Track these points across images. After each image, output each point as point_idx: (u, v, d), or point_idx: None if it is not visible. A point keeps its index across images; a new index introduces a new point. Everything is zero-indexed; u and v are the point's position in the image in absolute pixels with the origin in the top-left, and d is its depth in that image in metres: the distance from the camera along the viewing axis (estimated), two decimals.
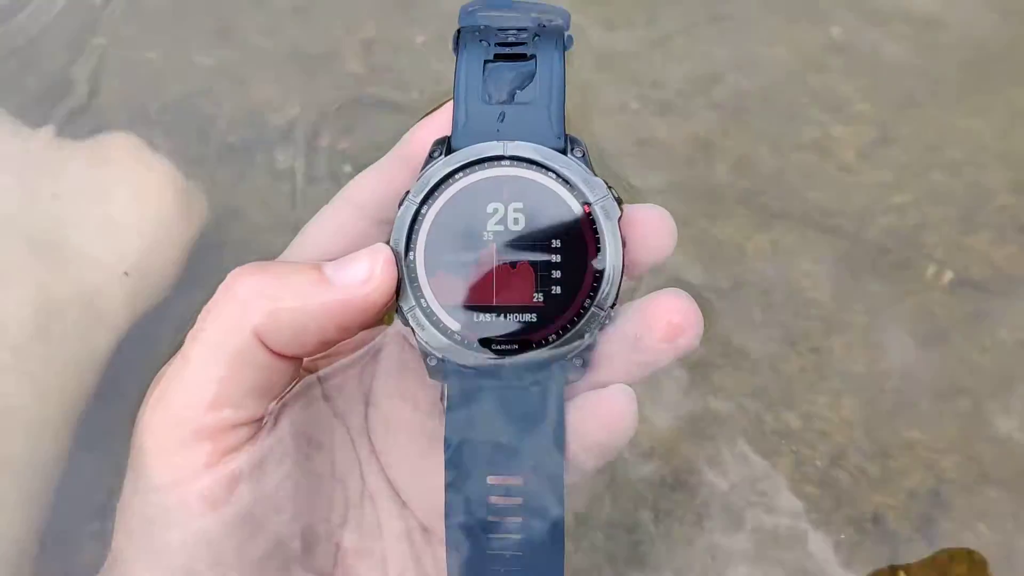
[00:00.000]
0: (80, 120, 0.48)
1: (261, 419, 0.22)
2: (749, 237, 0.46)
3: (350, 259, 0.21)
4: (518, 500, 0.22)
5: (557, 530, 0.22)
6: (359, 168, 0.47)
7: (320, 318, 0.21)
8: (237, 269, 0.22)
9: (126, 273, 0.37)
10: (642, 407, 0.23)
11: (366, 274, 0.21)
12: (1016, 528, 0.39)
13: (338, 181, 0.48)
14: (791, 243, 0.45)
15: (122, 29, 0.51)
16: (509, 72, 0.22)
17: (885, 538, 0.39)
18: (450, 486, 0.22)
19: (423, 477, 0.24)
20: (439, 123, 0.23)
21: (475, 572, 0.22)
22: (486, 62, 0.22)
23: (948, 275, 0.44)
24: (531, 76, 0.22)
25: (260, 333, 0.21)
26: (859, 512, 0.40)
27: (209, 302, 0.22)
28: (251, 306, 0.21)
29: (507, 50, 0.22)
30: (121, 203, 0.39)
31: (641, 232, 0.22)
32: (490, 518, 0.22)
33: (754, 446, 0.41)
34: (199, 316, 0.22)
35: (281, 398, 0.23)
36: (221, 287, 0.22)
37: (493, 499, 0.22)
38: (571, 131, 0.23)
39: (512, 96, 0.22)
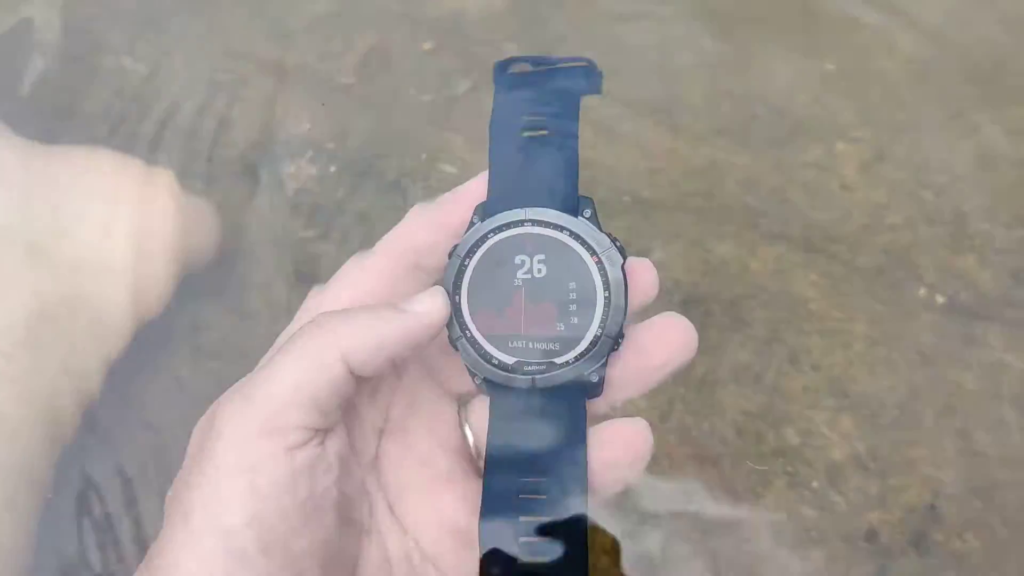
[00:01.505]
0: (83, 133, 0.47)
1: (322, 429, 0.26)
2: (753, 253, 0.47)
3: (415, 297, 0.27)
4: (543, 499, 0.26)
5: (580, 524, 0.26)
6: (350, 173, 0.47)
7: (396, 343, 0.26)
8: (322, 314, 0.26)
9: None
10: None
11: (429, 306, 0.26)
12: (998, 537, 0.40)
13: (331, 187, 0.48)
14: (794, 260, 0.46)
15: (125, 42, 0.50)
16: (534, 149, 0.27)
17: (879, 553, 0.40)
18: (487, 492, 0.27)
19: (432, 505, 0.28)
20: (474, 188, 0.28)
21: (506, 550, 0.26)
22: (514, 141, 0.28)
23: (939, 297, 0.46)
24: (551, 153, 0.27)
25: (346, 356, 0.25)
26: (854, 528, 0.41)
27: (299, 330, 0.26)
28: (341, 337, 0.25)
29: (532, 131, 0.28)
30: (118, 213, 0.39)
31: (632, 280, 0.28)
32: (521, 518, 0.26)
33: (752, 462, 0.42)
34: (291, 338, 0.26)
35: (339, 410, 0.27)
36: (309, 323, 0.26)
37: (523, 496, 0.26)
38: None
39: (535, 167, 0.27)
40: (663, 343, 0.27)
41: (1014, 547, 0.40)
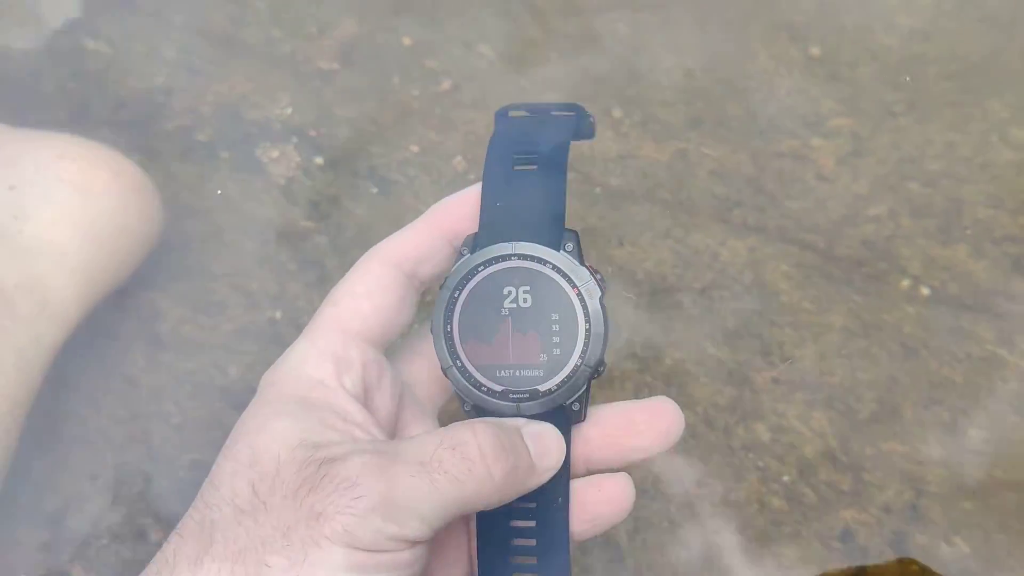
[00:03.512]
0: (40, 114, 0.48)
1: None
2: (724, 243, 0.46)
3: (545, 452, 0.28)
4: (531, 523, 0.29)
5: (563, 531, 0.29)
6: (330, 160, 0.48)
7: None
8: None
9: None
10: None
11: (557, 461, 0.28)
12: (989, 541, 0.39)
13: (309, 174, 0.47)
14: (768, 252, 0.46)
15: (85, 21, 0.51)
16: (524, 184, 0.29)
17: (855, 553, 0.39)
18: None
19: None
20: (464, 201, 0.30)
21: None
22: (507, 175, 0.29)
23: (924, 289, 0.45)
24: (540, 189, 0.29)
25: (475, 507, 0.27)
26: (827, 527, 0.40)
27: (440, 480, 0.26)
28: (480, 499, 0.27)
29: (522, 166, 0.30)
30: (75, 196, 0.39)
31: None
32: (513, 522, 0.29)
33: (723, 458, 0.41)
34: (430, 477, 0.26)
35: None
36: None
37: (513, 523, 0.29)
38: None
39: (524, 202, 0.29)
40: (652, 428, 0.29)
41: (1012, 553, 0.39)
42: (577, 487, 0.29)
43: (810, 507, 0.40)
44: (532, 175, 0.29)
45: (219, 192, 0.46)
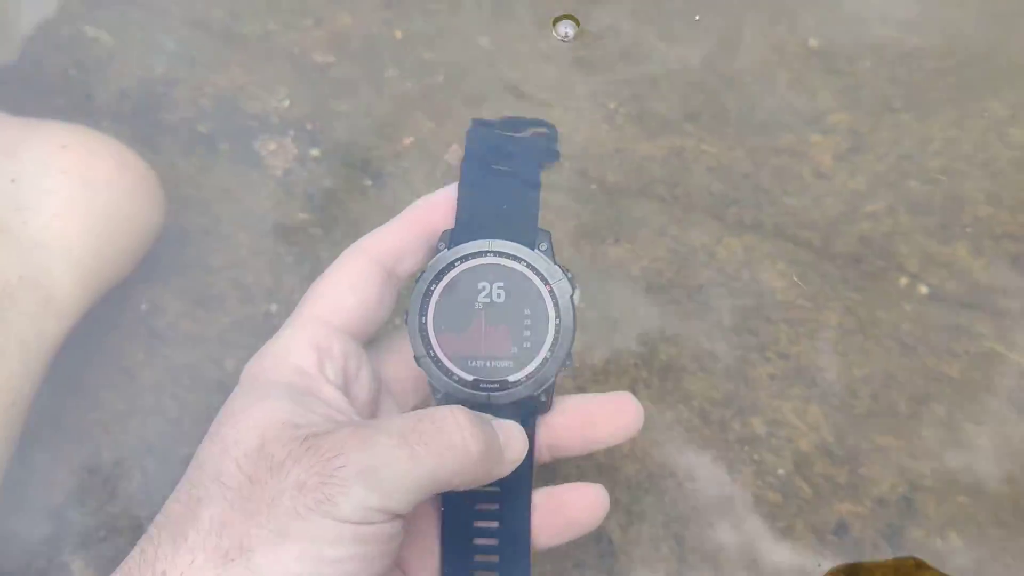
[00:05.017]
0: (40, 105, 0.49)
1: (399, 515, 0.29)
2: (719, 240, 0.47)
3: (509, 444, 0.30)
4: (495, 506, 0.31)
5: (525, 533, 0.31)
6: (326, 152, 0.49)
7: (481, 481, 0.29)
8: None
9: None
10: None
11: (520, 455, 0.30)
12: (984, 535, 0.41)
13: (305, 166, 0.49)
14: (764, 249, 0.47)
15: (85, 10, 0.52)
16: (499, 184, 0.32)
17: (849, 547, 0.41)
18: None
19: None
20: (442, 200, 0.32)
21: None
22: (483, 178, 0.32)
23: (922, 287, 0.46)
24: (515, 190, 0.32)
25: (446, 485, 0.29)
26: (822, 520, 0.41)
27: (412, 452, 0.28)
28: (453, 476, 0.28)
29: (500, 167, 0.32)
30: (79, 189, 0.39)
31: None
32: (475, 523, 0.32)
33: (718, 452, 0.43)
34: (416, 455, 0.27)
35: None
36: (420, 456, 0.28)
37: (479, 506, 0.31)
38: None
39: (500, 204, 0.32)
40: (611, 423, 0.32)
41: (1006, 547, 0.40)
42: (553, 492, 0.32)
43: (805, 500, 0.41)
44: (507, 176, 0.32)
45: (221, 186, 0.48)
